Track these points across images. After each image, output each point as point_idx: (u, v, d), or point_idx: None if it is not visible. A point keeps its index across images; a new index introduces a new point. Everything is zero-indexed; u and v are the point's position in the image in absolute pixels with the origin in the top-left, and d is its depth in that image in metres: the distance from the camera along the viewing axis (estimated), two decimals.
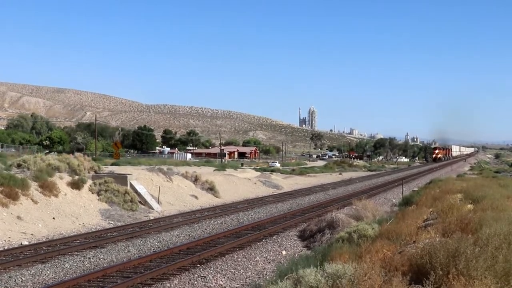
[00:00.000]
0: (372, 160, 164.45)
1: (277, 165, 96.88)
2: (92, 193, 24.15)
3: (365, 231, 12.43)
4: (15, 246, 15.87)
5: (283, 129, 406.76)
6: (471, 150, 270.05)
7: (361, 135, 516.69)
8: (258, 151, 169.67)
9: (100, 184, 24.71)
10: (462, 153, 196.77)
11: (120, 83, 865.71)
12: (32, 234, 17.65)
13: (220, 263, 13.88)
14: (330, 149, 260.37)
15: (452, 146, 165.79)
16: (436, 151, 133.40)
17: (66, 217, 20.59)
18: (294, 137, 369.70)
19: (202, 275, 12.64)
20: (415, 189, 32.68)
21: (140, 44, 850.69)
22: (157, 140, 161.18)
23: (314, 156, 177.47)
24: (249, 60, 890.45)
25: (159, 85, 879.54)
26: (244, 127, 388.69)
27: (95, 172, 27.96)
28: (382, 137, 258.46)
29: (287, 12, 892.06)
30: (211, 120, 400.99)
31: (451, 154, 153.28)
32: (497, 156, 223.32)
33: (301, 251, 16.09)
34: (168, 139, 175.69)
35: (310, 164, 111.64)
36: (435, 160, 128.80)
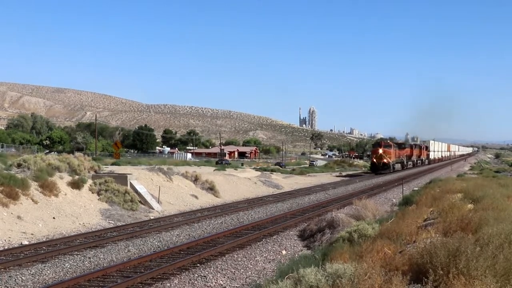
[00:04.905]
0: None
1: (316, 163, 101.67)
2: (92, 193, 24.13)
3: (366, 230, 12.41)
4: (15, 245, 15.86)
5: (283, 129, 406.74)
6: (468, 149, 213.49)
7: (361, 135, 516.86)
8: (258, 151, 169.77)
9: (100, 184, 24.69)
10: (453, 153, 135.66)
11: (120, 83, 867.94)
12: (32, 234, 17.65)
13: (220, 262, 13.87)
14: (330, 149, 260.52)
15: (431, 142, 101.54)
16: (380, 151, 61.67)
17: (66, 217, 20.58)
18: (294, 137, 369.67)
19: (202, 274, 12.63)
20: (415, 188, 32.63)
21: (141, 44, 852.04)
22: (157, 140, 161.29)
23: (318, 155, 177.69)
24: (249, 60, 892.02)
25: (159, 85, 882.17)
26: (244, 127, 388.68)
27: (95, 172, 27.95)
28: (382, 137, 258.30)
29: (287, 12, 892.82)
30: (211, 120, 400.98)
31: (427, 155, 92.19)
32: (497, 156, 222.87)
33: (301, 250, 16.08)
34: (168, 139, 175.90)
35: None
36: (376, 168, 61.59)
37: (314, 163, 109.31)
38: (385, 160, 61.13)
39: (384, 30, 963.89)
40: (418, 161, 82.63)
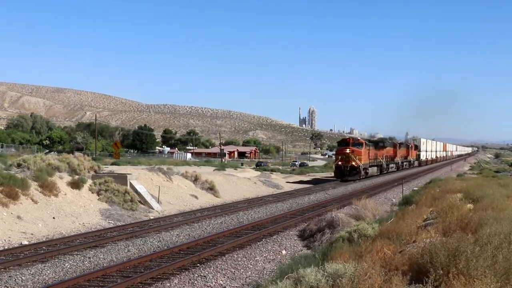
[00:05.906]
0: None
1: (297, 163, 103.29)
2: (92, 192, 24.13)
3: (365, 230, 12.42)
4: (15, 245, 15.87)
5: (283, 129, 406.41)
6: (468, 149, 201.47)
7: (361, 134, 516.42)
8: (258, 151, 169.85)
9: (100, 183, 24.69)
10: (450, 153, 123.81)
11: (120, 83, 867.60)
12: (32, 234, 17.65)
13: (220, 262, 13.87)
14: (330, 148, 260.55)
15: (422, 141, 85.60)
16: (347, 152, 46.27)
17: (66, 217, 20.59)
18: (294, 137, 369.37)
19: (202, 274, 12.63)
20: (415, 188, 32.64)
21: (140, 44, 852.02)
22: (157, 140, 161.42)
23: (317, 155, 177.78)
24: (249, 60, 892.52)
25: (159, 85, 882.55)
26: (244, 127, 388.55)
27: (95, 171, 27.94)
28: (382, 136, 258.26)
29: (287, 12, 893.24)
30: (211, 120, 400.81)
31: (416, 156, 79.71)
32: (497, 156, 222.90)
33: (301, 250, 16.08)
34: (168, 139, 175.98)
35: (310, 163, 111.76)
36: (341, 173, 46.31)
37: (297, 163, 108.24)
38: (353, 163, 46.06)
39: (384, 30, 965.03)
40: (405, 163, 69.40)
